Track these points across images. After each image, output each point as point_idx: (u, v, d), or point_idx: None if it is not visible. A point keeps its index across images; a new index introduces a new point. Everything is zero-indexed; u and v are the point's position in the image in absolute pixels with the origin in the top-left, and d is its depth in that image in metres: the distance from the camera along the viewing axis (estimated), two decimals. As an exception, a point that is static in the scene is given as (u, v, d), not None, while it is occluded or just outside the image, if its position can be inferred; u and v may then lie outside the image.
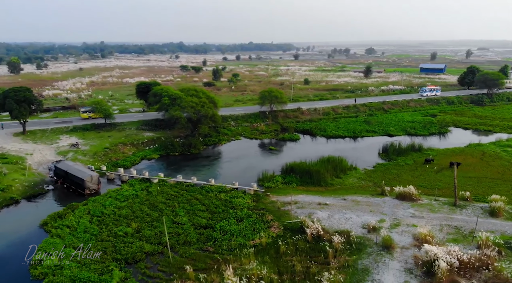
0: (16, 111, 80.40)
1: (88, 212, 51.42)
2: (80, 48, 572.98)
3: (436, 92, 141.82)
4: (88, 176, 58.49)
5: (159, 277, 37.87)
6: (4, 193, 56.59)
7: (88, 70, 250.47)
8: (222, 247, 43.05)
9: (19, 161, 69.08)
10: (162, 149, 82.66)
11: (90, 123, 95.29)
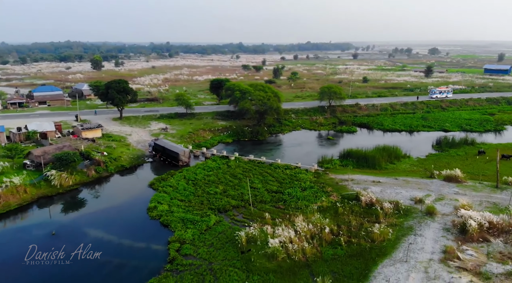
0: (117, 99, 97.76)
1: (184, 177, 64.99)
2: (148, 48, 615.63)
3: (447, 94, 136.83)
4: (182, 151, 72.49)
5: (244, 221, 49.61)
6: (116, 162, 72.12)
7: (159, 68, 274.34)
8: (290, 205, 53.83)
9: (122, 140, 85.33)
10: (234, 135, 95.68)
11: (174, 112, 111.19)
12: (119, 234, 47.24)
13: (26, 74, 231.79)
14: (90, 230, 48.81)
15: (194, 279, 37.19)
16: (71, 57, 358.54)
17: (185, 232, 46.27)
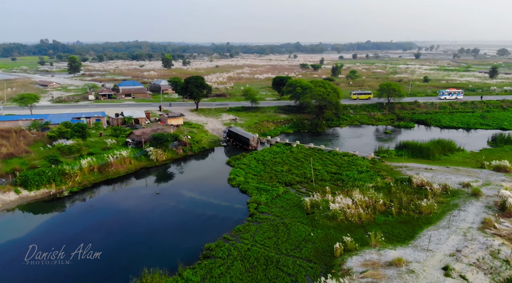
0: (195, 93, 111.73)
1: (254, 158, 75.96)
2: (210, 48, 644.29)
3: (457, 95, 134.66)
4: (252, 137, 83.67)
5: (307, 193, 59.12)
6: (198, 144, 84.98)
7: (223, 67, 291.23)
8: (348, 184, 62.32)
9: (200, 127, 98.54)
10: (294, 127, 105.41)
11: (240, 106, 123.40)
12: (208, 196, 59.21)
13: (106, 71, 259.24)
14: (185, 192, 61.43)
15: (270, 227, 47.53)
16: (142, 55, 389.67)
17: (260, 197, 56.93)
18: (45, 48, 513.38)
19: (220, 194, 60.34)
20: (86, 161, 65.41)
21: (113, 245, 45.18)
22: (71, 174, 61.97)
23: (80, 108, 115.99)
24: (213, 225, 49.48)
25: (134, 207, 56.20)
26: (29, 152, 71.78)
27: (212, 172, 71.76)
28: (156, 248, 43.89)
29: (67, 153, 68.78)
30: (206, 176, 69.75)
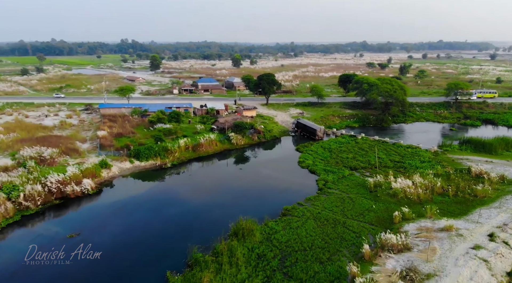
0: (266, 88, 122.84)
1: (321, 146, 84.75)
2: (275, 48, 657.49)
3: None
4: (319, 128, 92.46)
5: (371, 176, 66.72)
6: (270, 133, 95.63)
7: (288, 66, 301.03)
8: (409, 171, 68.72)
9: (270, 119, 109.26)
10: (360, 121, 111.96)
11: (307, 101, 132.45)
12: (281, 173, 69.59)
13: (182, 69, 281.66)
14: (262, 169, 72.42)
15: (337, 199, 56.39)
16: (212, 55, 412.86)
17: (327, 176, 65.85)
18: (125, 47, 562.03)
19: (291, 172, 70.31)
20: (183, 141, 79.11)
21: (213, 203, 57.21)
22: (171, 151, 75.85)
23: (168, 100, 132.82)
24: (288, 194, 59.42)
25: (223, 178, 68.51)
26: (135, 133, 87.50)
27: (283, 156, 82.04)
28: (245, 206, 54.92)
29: (167, 134, 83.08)
30: (278, 159, 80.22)
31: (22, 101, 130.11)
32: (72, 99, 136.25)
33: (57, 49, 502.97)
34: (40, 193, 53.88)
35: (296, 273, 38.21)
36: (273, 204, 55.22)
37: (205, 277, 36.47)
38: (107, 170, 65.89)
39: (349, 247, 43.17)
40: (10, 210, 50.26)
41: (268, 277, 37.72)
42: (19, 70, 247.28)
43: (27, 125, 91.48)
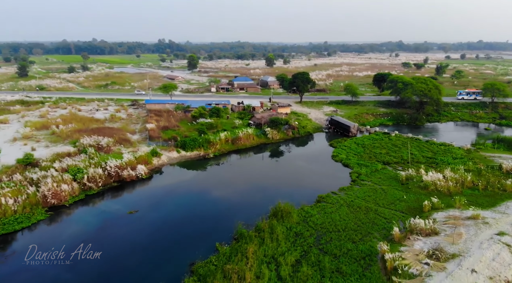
0: (301, 87, 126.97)
1: (354, 142, 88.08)
2: (307, 48, 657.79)
3: (476, 96, 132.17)
4: (353, 125, 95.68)
5: (403, 170, 69.67)
6: (304, 129, 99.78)
7: (321, 66, 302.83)
8: (441, 166, 70.98)
9: (304, 116, 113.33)
10: (393, 120, 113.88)
11: (341, 100, 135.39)
12: (315, 165, 73.91)
13: (217, 68, 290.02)
14: (296, 161, 77.03)
15: (369, 190, 60.01)
16: (246, 55, 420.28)
17: (361, 169, 69.45)
18: (162, 47, 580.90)
19: (325, 165, 74.37)
20: (223, 134, 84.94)
21: (253, 189, 62.58)
22: (213, 143, 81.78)
23: (206, 98, 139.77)
24: (322, 184, 63.51)
25: (260, 168, 73.79)
26: (179, 126, 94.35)
27: (317, 150, 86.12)
28: (282, 192, 59.45)
29: (208, 128, 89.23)
30: (312, 153, 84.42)
31: (73, 96, 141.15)
32: (118, 95, 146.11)
33: (99, 48, 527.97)
34: (101, 176, 60.97)
35: (330, 249, 42.57)
36: (308, 192, 59.58)
37: (250, 248, 41.53)
38: (157, 158, 72.60)
39: (380, 231, 46.94)
40: (76, 190, 57.52)
41: (305, 251, 42.28)
42: (65, 68, 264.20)
43: (81, 118, 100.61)
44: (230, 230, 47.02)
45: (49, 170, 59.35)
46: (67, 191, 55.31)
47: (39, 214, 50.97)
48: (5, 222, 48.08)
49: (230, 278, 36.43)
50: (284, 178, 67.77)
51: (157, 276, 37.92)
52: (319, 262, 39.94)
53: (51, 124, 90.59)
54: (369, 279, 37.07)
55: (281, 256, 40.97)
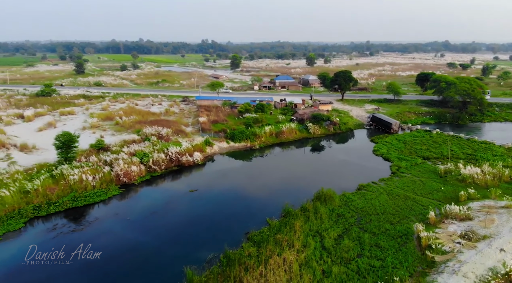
0: (343, 85, 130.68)
1: (395, 138, 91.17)
2: (349, 47, 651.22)
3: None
4: (394, 122, 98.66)
5: (441, 163, 72.41)
6: (345, 125, 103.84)
7: (363, 65, 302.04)
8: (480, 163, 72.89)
9: (345, 113, 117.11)
10: (435, 118, 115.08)
11: (382, 98, 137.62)
12: (356, 158, 78.23)
13: (259, 68, 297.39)
14: (337, 155, 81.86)
15: (408, 181, 63.75)
16: (286, 55, 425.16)
17: (401, 163, 73.03)
18: (205, 47, 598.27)
19: (365, 159, 78.52)
20: (268, 128, 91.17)
21: (297, 176, 68.24)
22: (259, 135, 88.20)
23: (250, 95, 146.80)
24: (362, 175, 67.81)
25: (303, 159, 79.44)
26: (227, 121, 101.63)
27: (358, 145, 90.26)
28: (325, 181, 64.64)
29: (254, 122, 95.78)
30: (353, 147, 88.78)
31: (128, 92, 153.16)
32: (169, 92, 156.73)
33: (145, 48, 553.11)
34: (164, 160, 68.97)
35: (370, 228, 47.38)
36: (349, 182, 64.19)
37: (297, 223, 47.25)
38: (210, 147, 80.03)
39: (416, 215, 51.00)
40: (143, 171, 65.78)
41: (347, 229, 47.38)
42: (116, 66, 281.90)
43: (140, 111, 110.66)
44: (277, 209, 52.97)
45: (120, 153, 68.17)
46: (136, 172, 63.60)
47: (114, 190, 59.49)
48: (87, 195, 56.85)
49: (280, 245, 42.36)
50: (325, 169, 72.90)
51: (219, 240, 44.52)
52: (359, 237, 44.93)
53: (114, 116, 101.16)
54: (404, 253, 41.58)
55: (325, 231, 46.37)
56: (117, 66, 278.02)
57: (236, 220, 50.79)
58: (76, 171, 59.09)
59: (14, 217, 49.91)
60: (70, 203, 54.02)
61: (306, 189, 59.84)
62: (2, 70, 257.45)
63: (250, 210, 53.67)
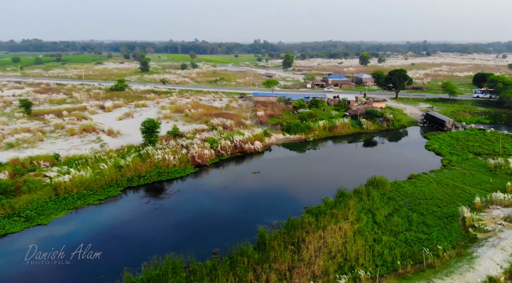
0: (397, 83, 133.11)
1: (448, 135, 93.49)
2: (405, 47, 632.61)
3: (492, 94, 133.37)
4: (448, 120, 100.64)
5: (492, 158, 74.58)
6: (399, 122, 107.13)
7: (418, 65, 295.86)
8: (535, 159, 74.26)
9: (399, 111, 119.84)
10: (491, 118, 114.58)
11: (437, 97, 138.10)
12: (409, 152, 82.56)
13: (310, 67, 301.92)
14: (390, 148, 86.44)
15: (458, 173, 67.27)
16: (339, 54, 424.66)
17: (452, 157, 76.25)
18: (257, 47, 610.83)
19: (418, 153, 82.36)
20: (321, 122, 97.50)
21: (350, 165, 74.27)
22: (313, 129, 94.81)
23: (303, 92, 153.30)
24: (413, 167, 71.95)
25: (355, 151, 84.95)
26: (282, 115, 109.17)
27: (410, 141, 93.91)
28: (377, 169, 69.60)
29: (308, 117, 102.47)
30: (406, 142, 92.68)
31: (191, 88, 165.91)
32: (228, 89, 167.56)
33: (201, 48, 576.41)
34: (229, 147, 77.97)
35: (418, 209, 52.54)
36: (401, 172, 68.75)
37: (351, 202, 53.58)
38: (268, 138, 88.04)
39: (463, 202, 55.07)
40: (212, 155, 75.10)
41: (396, 209, 52.90)
42: (176, 65, 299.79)
43: (204, 105, 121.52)
44: (332, 191, 59.44)
45: (194, 139, 78.19)
46: (207, 155, 73.08)
47: (190, 168, 69.30)
48: (169, 171, 67.05)
49: (336, 217, 49.07)
50: (378, 160, 77.90)
51: (281, 211, 52.08)
52: (407, 216, 50.38)
53: (183, 109, 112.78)
54: (449, 231, 46.55)
55: (376, 210, 52.27)
56: (177, 65, 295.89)
57: (295, 197, 58.21)
58: (159, 151, 69.64)
59: (112, 186, 60.99)
60: (156, 177, 64.44)
61: (359, 176, 65.39)
62: (75, 67, 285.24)
63: (307, 191, 60.75)
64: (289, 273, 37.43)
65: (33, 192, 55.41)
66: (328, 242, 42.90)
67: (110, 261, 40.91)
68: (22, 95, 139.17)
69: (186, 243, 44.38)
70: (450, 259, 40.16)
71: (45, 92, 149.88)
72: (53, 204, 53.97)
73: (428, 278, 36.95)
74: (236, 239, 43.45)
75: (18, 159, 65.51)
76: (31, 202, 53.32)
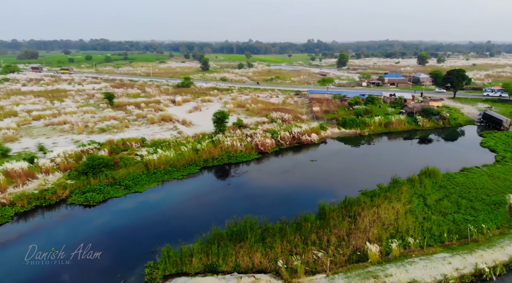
0: (455, 83, 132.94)
1: (505, 134, 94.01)
2: (467, 47, 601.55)
3: (502, 93, 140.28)
4: (505, 119, 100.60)
5: (550, 158, 75.38)
6: (455, 121, 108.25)
7: (480, 66, 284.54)
8: None
9: (456, 110, 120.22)
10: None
11: (497, 98, 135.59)
12: (463, 148, 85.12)
13: (366, 66, 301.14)
14: (445, 144, 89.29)
15: (511, 167, 69.53)
16: (396, 53, 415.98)
17: (506, 154, 78.00)
18: (310, 46, 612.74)
19: (472, 149, 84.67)
20: (377, 118, 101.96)
21: (402, 158, 78.87)
22: (368, 124, 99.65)
23: (359, 90, 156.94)
24: (467, 161, 74.74)
25: (409, 145, 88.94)
26: (337, 111, 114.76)
27: (466, 138, 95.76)
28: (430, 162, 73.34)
29: (364, 113, 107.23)
30: (461, 140, 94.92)
31: (249, 86, 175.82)
32: (283, 87, 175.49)
33: (255, 48, 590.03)
34: (288, 137, 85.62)
35: (467, 196, 56.68)
36: (454, 165, 72.03)
37: (404, 188, 58.89)
38: (324, 131, 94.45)
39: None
40: (273, 144, 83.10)
41: (447, 195, 57.42)
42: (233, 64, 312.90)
43: (262, 101, 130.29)
44: (387, 178, 64.82)
45: (256, 130, 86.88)
46: (269, 144, 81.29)
47: (254, 155, 77.88)
48: (237, 156, 76.07)
49: (389, 199, 54.83)
50: (432, 154, 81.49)
51: (339, 192, 58.70)
52: (457, 201, 54.84)
53: (245, 104, 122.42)
54: (495, 215, 50.60)
55: (428, 195, 57.21)
56: (234, 65, 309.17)
57: (350, 182, 64.53)
58: (228, 139, 79.04)
59: (191, 165, 71.09)
60: (226, 160, 73.79)
61: (413, 167, 69.69)
62: (141, 65, 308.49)
63: (362, 177, 66.66)
64: (347, 238, 44.31)
65: (128, 167, 66.86)
66: (382, 217, 49.06)
67: (199, 221, 50.22)
68: (101, 89, 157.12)
69: (256, 211, 52.62)
70: (493, 236, 44.72)
71: (120, 86, 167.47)
72: (145, 176, 64.98)
73: (471, 249, 42.04)
74: (299, 211, 50.95)
75: (113, 141, 78.07)
76: (128, 175, 64.66)
